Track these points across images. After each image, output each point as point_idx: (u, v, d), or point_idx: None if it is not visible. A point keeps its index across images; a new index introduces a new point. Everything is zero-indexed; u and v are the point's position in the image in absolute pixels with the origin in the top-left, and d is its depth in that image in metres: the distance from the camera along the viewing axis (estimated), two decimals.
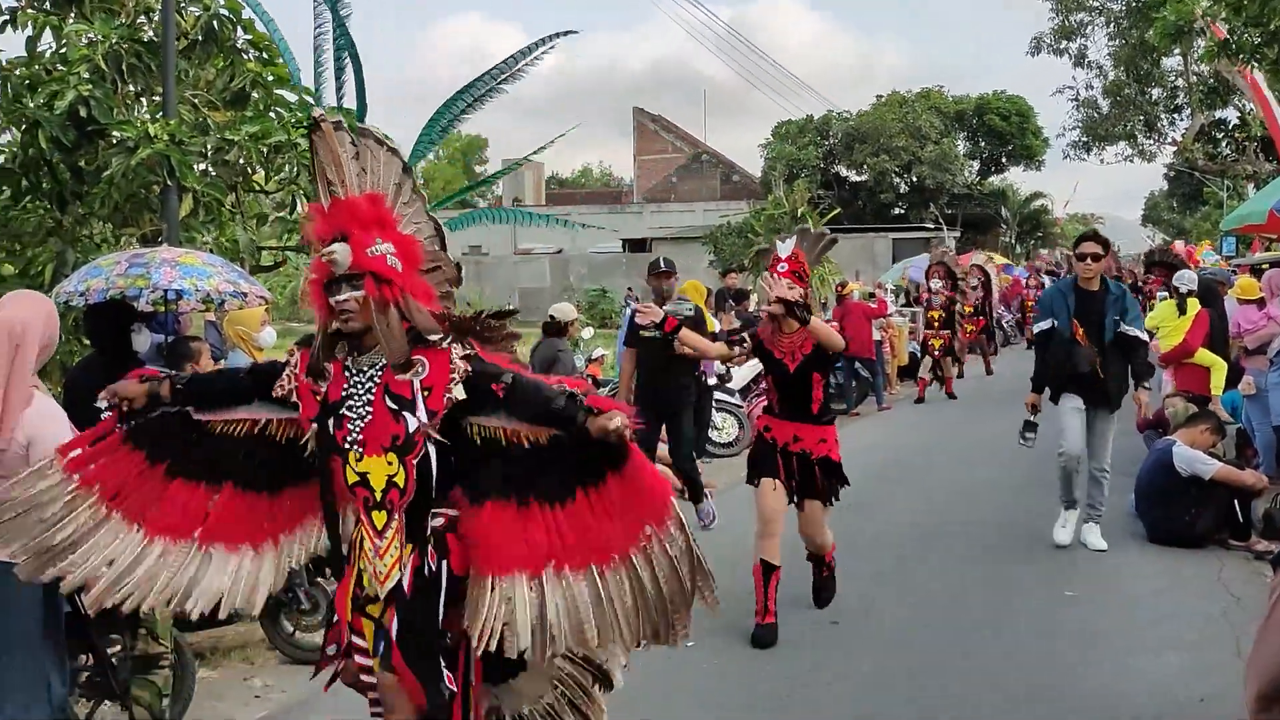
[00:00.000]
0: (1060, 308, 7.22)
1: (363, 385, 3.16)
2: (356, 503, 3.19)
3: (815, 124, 45.29)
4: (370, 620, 3.27)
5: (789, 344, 5.72)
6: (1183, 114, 36.94)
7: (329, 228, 3.07)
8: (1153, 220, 59.46)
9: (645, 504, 3.04)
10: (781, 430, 5.80)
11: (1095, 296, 7.13)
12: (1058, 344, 7.18)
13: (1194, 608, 6.24)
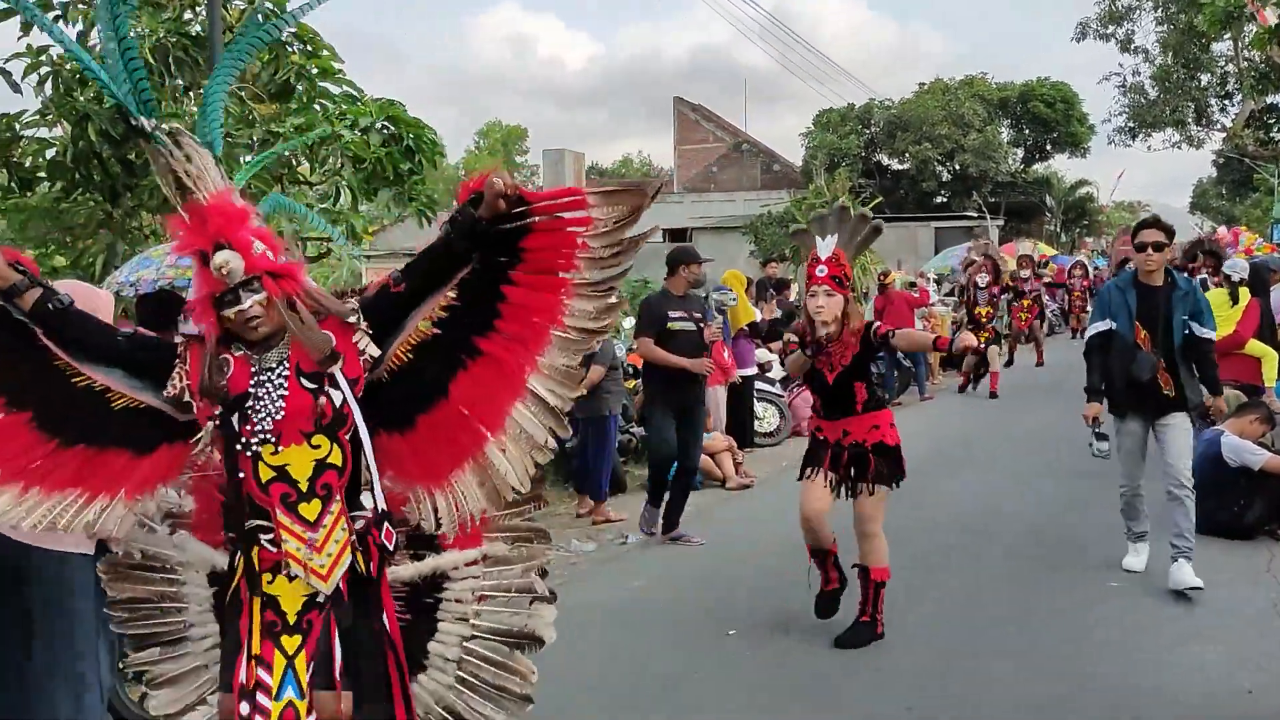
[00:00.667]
0: (1120, 307, 6.30)
1: (272, 374, 2.90)
2: (272, 502, 2.89)
3: (857, 112, 45.01)
4: (282, 653, 2.90)
5: (833, 353, 5.44)
6: (1233, 100, 36.34)
7: (205, 238, 2.80)
8: (1201, 208, 58.50)
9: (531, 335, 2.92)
10: (832, 429, 5.57)
11: (1160, 293, 6.21)
12: (1118, 350, 6.32)
13: (1243, 599, 6.18)
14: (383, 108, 7.94)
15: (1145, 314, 6.23)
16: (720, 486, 9.79)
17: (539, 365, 2.94)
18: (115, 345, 3.02)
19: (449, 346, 2.96)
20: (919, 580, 6.56)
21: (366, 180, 7.94)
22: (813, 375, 5.57)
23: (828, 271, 5.33)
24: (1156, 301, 6.22)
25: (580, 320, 2.94)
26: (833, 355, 5.43)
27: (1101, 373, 6.49)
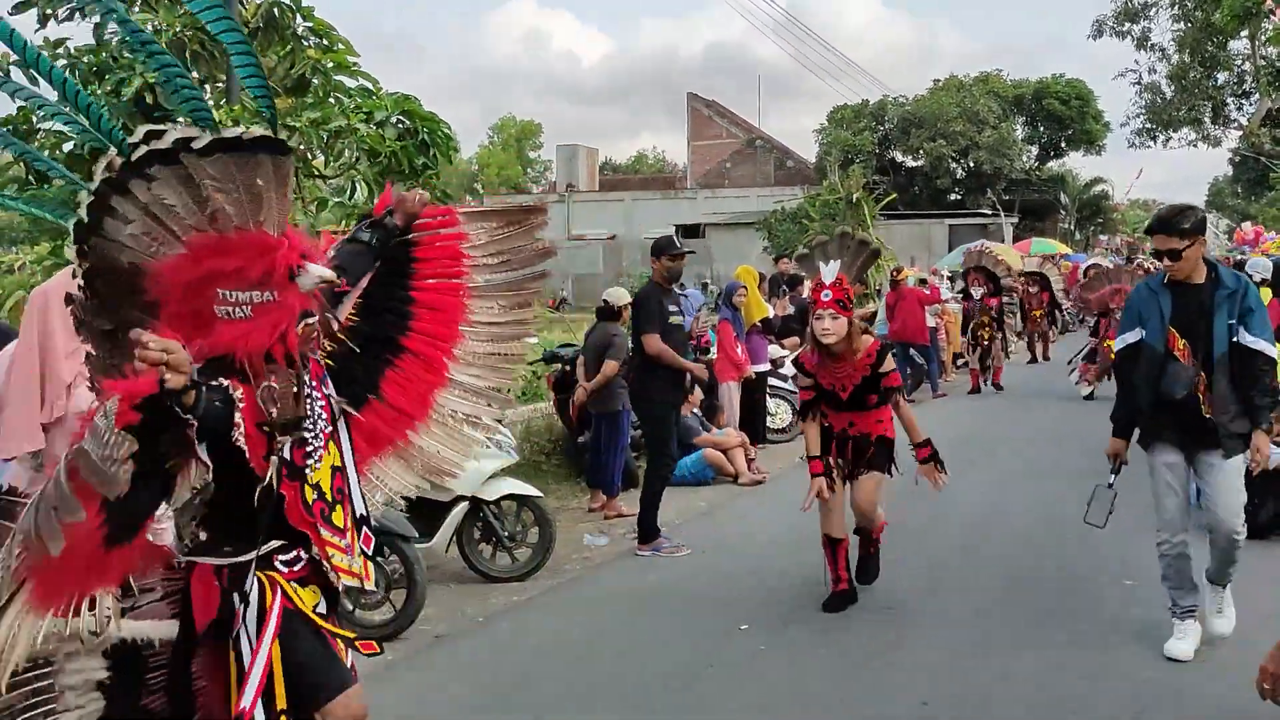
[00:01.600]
0: (1151, 312, 5.16)
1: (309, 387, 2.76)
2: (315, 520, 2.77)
3: (871, 109, 44.94)
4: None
5: (841, 375, 5.78)
6: (1250, 98, 36.15)
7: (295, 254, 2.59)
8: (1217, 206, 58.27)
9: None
10: (838, 419, 5.95)
11: (1199, 293, 5.06)
12: (1146, 363, 5.15)
13: (1257, 598, 6.14)
14: (398, 102, 7.96)
15: (1182, 318, 5.07)
16: (733, 482, 9.79)
17: (457, 356, 3.34)
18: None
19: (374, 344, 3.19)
20: (932, 577, 6.55)
21: (381, 174, 7.95)
22: (824, 393, 5.88)
23: (832, 296, 5.65)
24: (1196, 304, 5.05)
25: (488, 316, 3.41)
26: (843, 376, 5.76)
27: (1130, 397, 5.33)
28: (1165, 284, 5.15)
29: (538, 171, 76.31)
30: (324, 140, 7.66)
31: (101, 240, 2.47)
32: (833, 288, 5.64)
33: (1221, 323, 5.01)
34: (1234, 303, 5.01)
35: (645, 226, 47.06)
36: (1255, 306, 5.06)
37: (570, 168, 54.06)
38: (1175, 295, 5.11)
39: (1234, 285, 5.05)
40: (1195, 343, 5.05)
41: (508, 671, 5.26)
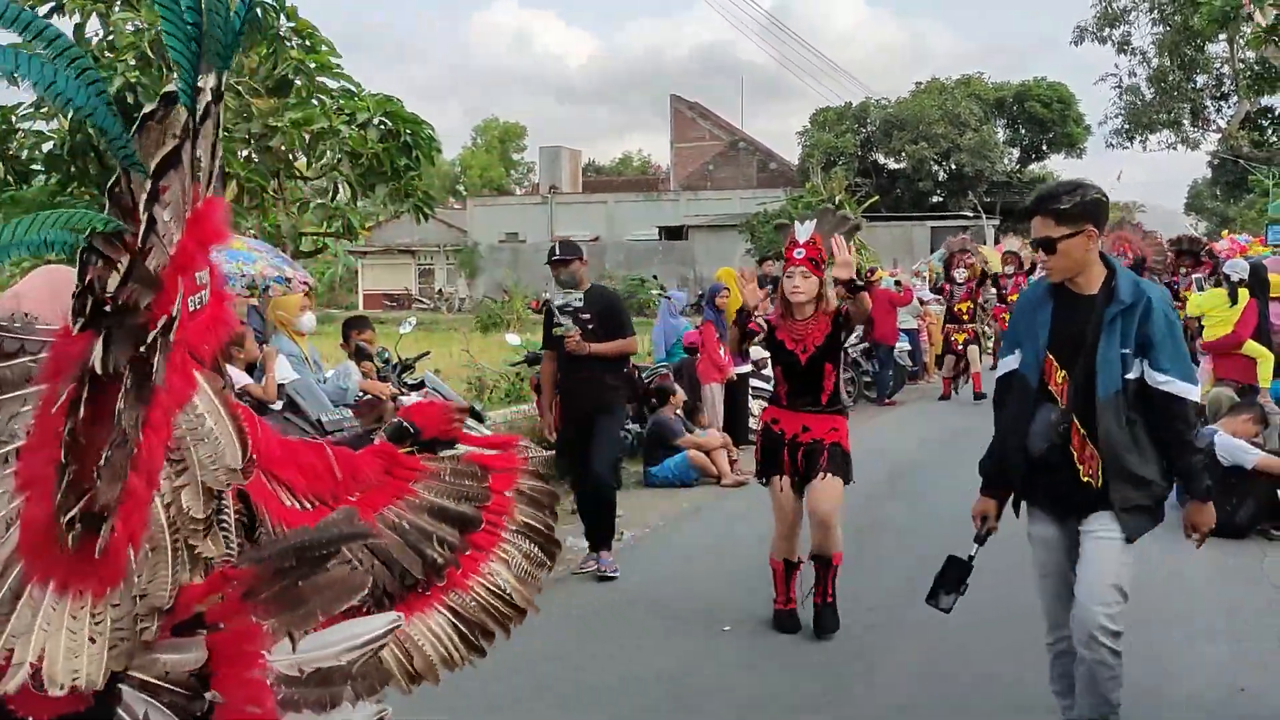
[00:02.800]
0: (1027, 330, 3.95)
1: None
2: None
3: (853, 111, 45.09)
4: None
5: (802, 331, 5.52)
6: (1228, 101, 36.45)
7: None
8: (1196, 209, 58.61)
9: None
10: (790, 421, 5.58)
11: (1089, 307, 3.79)
12: (1016, 400, 3.97)
13: (1235, 598, 6.20)
14: (380, 103, 7.95)
15: (1063, 341, 3.82)
16: (715, 483, 9.80)
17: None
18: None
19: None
20: (914, 580, 6.56)
21: (363, 176, 7.94)
22: (784, 356, 5.61)
23: (805, 254, 5.51)
24: (1083, 320, 3.78)
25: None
26: (806, 336, 5.52)
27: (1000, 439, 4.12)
28: (1050, 293, 3.89)
29: (521, 173, 76.26)
30: (306, 141, 7.64)
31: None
32: (806, 246, 5.48)
33: (1109, 351, 3.69)
34: (1128, 324, 3.68)
35: (628, 228, 47.13)
36: (1163, 331, 3.68)
37: (553, 169, 54.03)
38: (1059, 308, 3.84)
39: (1130, 298, 3.68)
40: (1076, 375, 3.77)
41: (490, 674, 5.24)
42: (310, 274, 6.91)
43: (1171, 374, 3.69)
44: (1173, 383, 3.69)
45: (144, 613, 1.59)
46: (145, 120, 1.53)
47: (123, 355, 1.48)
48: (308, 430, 5.76)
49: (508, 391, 12.01)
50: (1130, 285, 3.73)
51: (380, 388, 7.07)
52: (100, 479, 1.48)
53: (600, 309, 6.81)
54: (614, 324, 6.86)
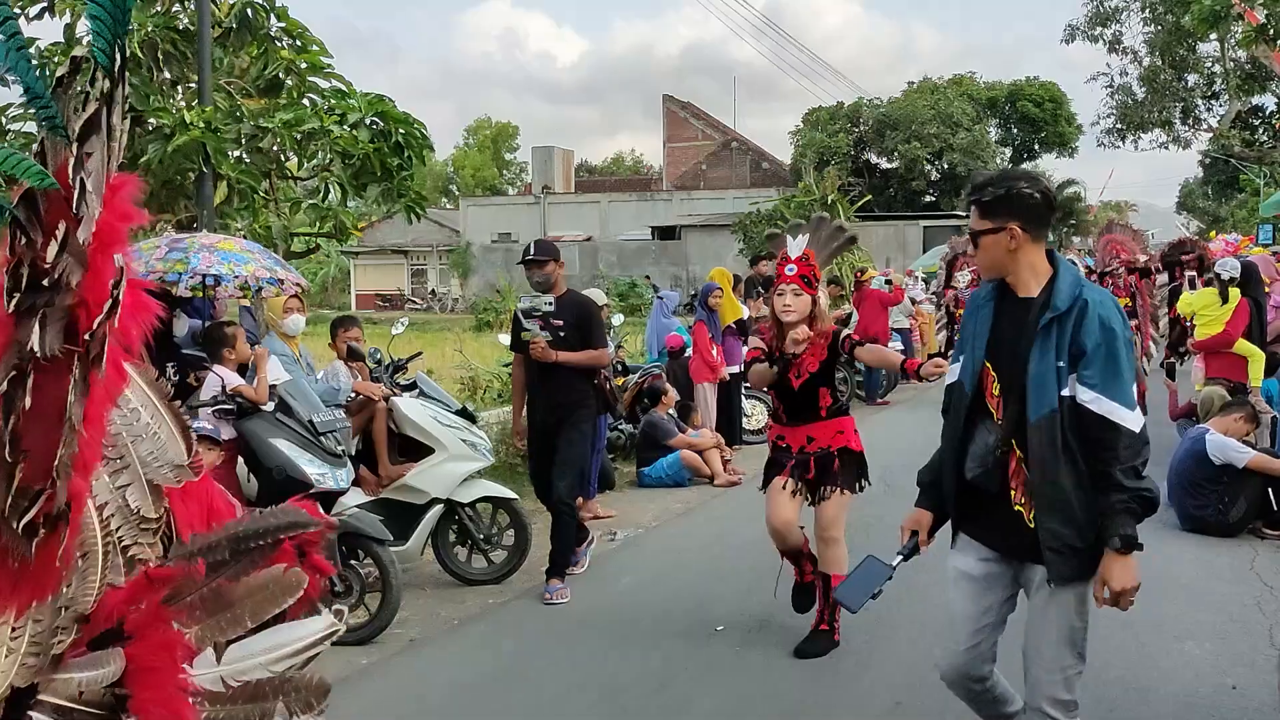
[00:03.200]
0: (970, 334, 3.46)
1: None
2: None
3: (846, 111, 45.16)
4: None
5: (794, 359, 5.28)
6: (1219, 100, 36.54)
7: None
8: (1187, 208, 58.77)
9: None
10: (794, 436, 5.39)
11: (1026, 311, 3.26)
12: (953, 414, 3.49)
13: (1227, 597, 6.21)
14: (371, 103, 7.94)
15: (1000, 349, 3.33)
16: (709, 484, 9.80)
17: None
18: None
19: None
20: (909, 576, 6.57)
21: (355, 176, 7.93)
22: (780, 389, 5.39)
23: (796, 270, 5.24)
24: (1020, 327, 3.25)
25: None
26: (800, 361, 5.26)
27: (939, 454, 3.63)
28: (994, 294, 3.39)
29: (513, 173, 76.26)
30: (297, 142, 7.63)
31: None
32: (797, 262, 5.22)
33: (1042, 364, 3.15)
34: (1063, 333, 3.13)
35: (621, 228, 47.14)
36: (1095, 340, 3.09)
37: (546, 169, 54.03)
38: (1000, 311, 3.35)
39: (1066, 303, 3.14)
40: (1010, 391, 3.26)
41: (483, 675, 5.25)
42: (303, 275, 6.89)
43: (1100, 392, 3.06)
44: (1099, 401, 3.06)
45: (65, 624, 1.44)
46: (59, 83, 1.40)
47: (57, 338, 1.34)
48: (300, 431, 5.75)
49: (500, 392, 12.00)
50: (1068, 288, 3.16)
51: (373, 389, 7.05)
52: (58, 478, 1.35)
53: (573, 316, 6.41)
54: (586, 333, 6.47)
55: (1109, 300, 3.20)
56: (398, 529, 6.29)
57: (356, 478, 6.41)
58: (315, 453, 5.68)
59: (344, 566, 5.59)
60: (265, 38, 8.12)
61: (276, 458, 5.58)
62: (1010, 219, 3.20)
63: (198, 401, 5.67)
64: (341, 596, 5.62)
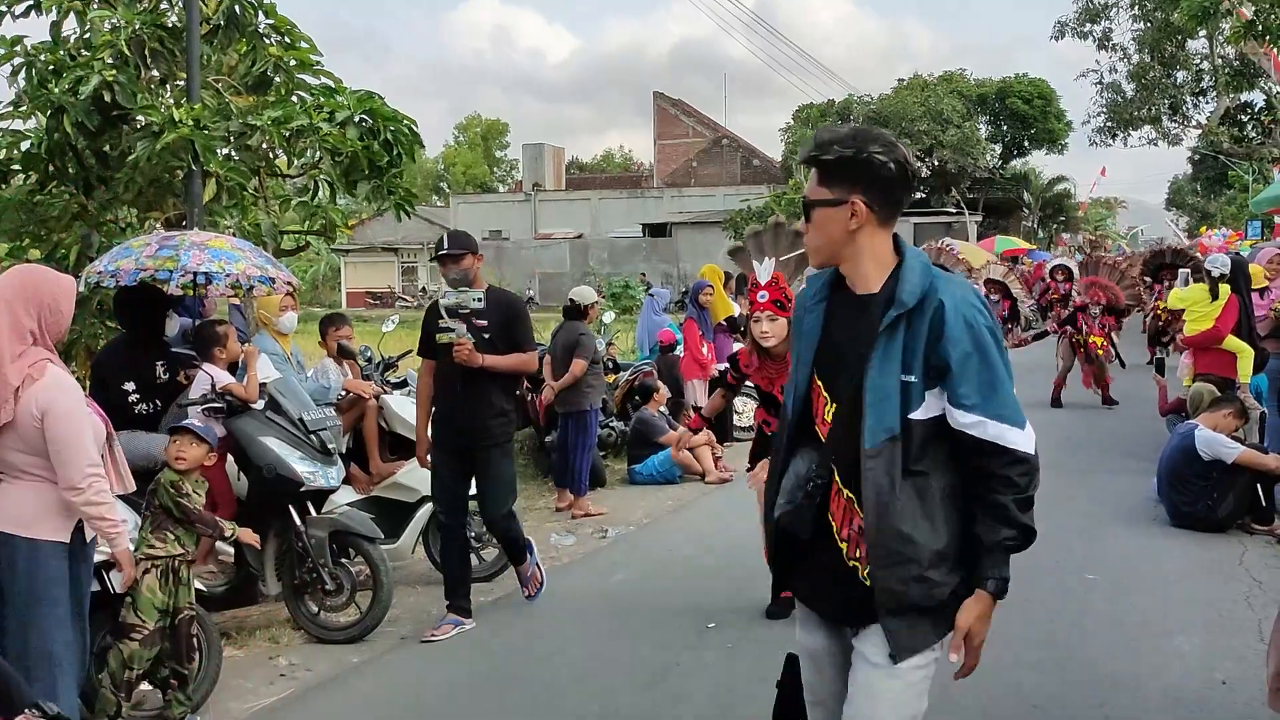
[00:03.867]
0: (799, 339, 2.80)
1: None
2: None
3: (836, 108, 45.23)
4: None
5: (776, 372, 5.47)
6: (1208, 97, 36.65)
7: None
8: (1177, 204, 58.98)
9: None
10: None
11: (866, 310, 2.64)
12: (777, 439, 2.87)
13: (1216, 592, 6.23)
14: (361, 100, 7.90)
15: (831, 357, 2.69)
16: (700, 481, 9.80)
17: None
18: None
19: None
20: None
21: (345, 173, 7.89)
22: (761, 395, 5.65)
23: (769, 297, 5.42)
24: (857, 330, 2.63)
25: None
26: (779, 379, 5.39)
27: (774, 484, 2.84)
28: (829, 285, 2.73)
29: (504, 170, 76.17)
30: (286, 139, 7.59)
31: None
32: (768, 288, 5.41)
33: (883, 377, 2.53)
34: (913, 338, 2.52)
35: (612, 225, 47.11)
36: (965, 348, 2.50)
37: (536, 167, 53.98)
38: (834, 310, 2.70)
39: (914, 298, 2.53)
40: (842, 411, 2.62)
41: (475, 672, 5.24)
42: (293, 273, 6.87)
43: (983, 413, 2.49)
44: (984, 425, 2.49)
45: None
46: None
47: None
48: (290, 429, 5.74)
49: None
50: (917, 281, 2.54)
51: (364, 386, 7.04)
52: None
53: (498, 316, 5.67)
54: (513, 335, 5.75)
55: (969, 293, 2.58)
56: (388, 527, 6.28)
57: (347, 476, 6.41)
58: (305, 451, 5.67)
59: (335, 565, 5.58)
60: (254, 35, 8.06)
61: (267, 456, 5.57)
62: (854, 190, 2.56)
63: (187, 400, 5.66)
64: (332, 595, 5.61)
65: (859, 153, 2.55)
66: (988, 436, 2.51)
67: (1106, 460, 10.08)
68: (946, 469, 2.58)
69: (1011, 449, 2.52)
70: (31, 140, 7.67)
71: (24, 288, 3.80)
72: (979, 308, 2.57)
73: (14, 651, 3.68)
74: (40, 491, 3.73)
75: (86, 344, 7.69)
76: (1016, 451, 2.53)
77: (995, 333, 2.57)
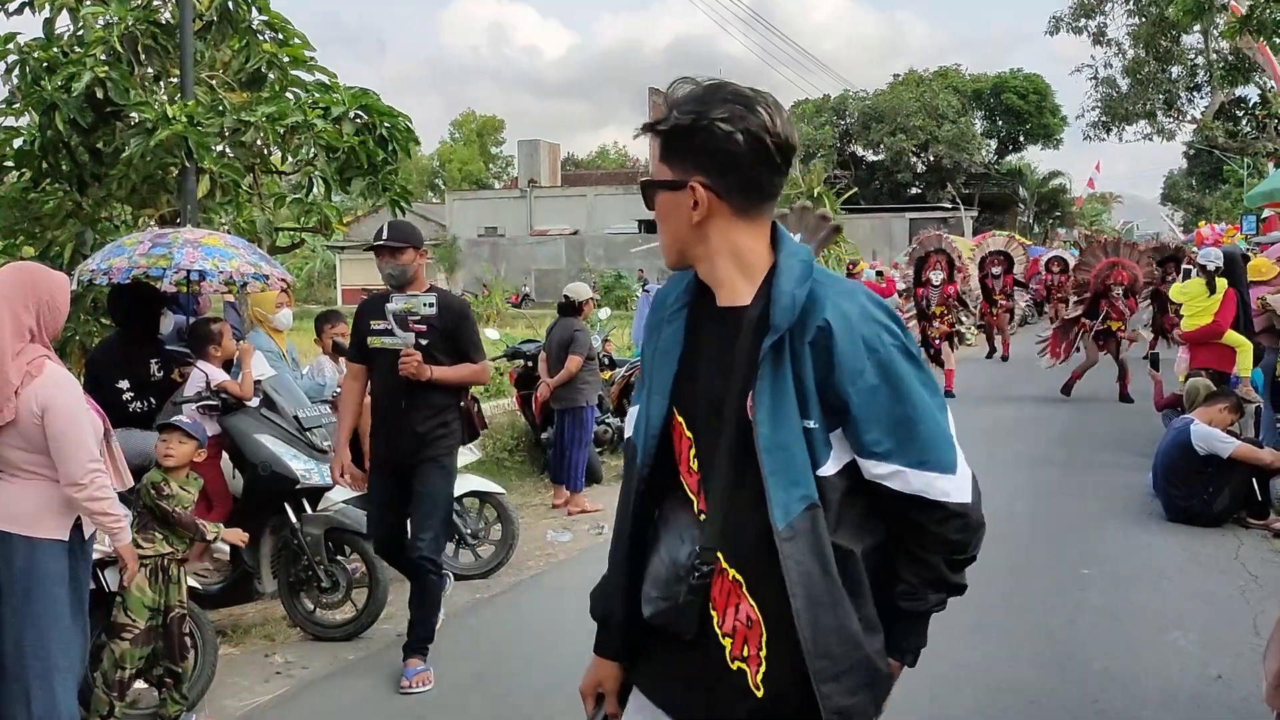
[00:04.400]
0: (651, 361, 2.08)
1: None
2: None
3: (832, 104, 45.21)
4: None
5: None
6: (1202, 91, 36.68)
7: None
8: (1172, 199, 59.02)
9: None
10: None
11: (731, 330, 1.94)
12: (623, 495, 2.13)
13: (1211, 586, 6.24)
14: (356, 96, 7.89)
15: (697, 390, 2.01)
16: None
17: None
18: None
19: None
20: None
21: (340, 170, 7.88)
22: None
23: None
24: (723, 359, 1.96)
25: None
26: None
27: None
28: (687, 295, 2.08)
29: (500, 167, 76.11)
30: (280, 136, 7.58)
31: None
32: None
33: (779, 429, 1.88)
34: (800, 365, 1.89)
35: (607, 221, 47.10)
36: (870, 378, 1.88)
37: (532, 163, 53.91)
38: (695, 325, 2.05)
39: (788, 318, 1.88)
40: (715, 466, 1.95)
41: (471, 669, 5.24)
42: (288, 270, 6.86)
43: (901, 460, 1.89)
44: (903, 475, 1.89)
45: None
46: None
47: None
48: (286, 426, 5.73)
49: (486, 387, 11.97)
50: (791, 291, 1.87)
51: None
52: None
53: (442, 322, 4.98)
54: (460, 343, 5.07)
55: (865, 301, 1.92)
56: None
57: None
58: (300, 448, 5.66)
59: (330, 562, 5.58)
60: (247, 31, 8.05)
61: (262, 453, 5.56)
62: (694, 169, 1.91)
63: (182, 397, 5.65)
64: (328, 592, 5.61)
65: (698, 119, 1.89)
66: (911, 489, 1.90)
67: (1102, 455, 10.08)
68: (866, 529, 1.95)
69: (942, 501, 1.92)
70: (25, 137, 7.65)
71: (22, 285, 3.79)
72: (882, 321, 1.91)
73: (12, 650, 3.67)
74: (40, 489, 3.72)
75: (81, 341, 7.68)
76: (949, 505, 1.93)
77: (909, 350, 1.93)
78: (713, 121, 1.89)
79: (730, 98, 1.93)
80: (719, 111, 1.89)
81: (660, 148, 1.96)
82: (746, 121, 1.90)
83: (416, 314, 4.82)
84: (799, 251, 1.98)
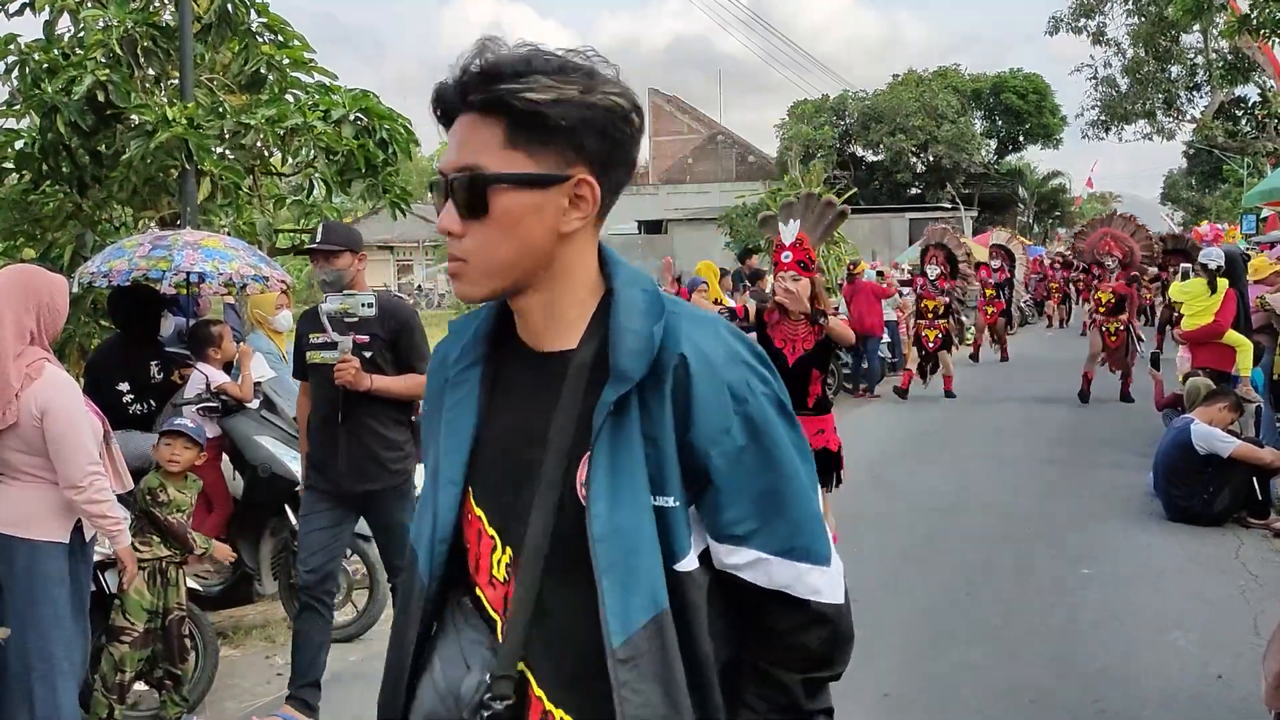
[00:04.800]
0: (431, 434, 1.58)
1: None
2: None
3: (831, 104, 45.20)
4: None
5: (793, 332, 5.68)
6: (1202, 91, 36.68)
7: None
8: (1172, 199, 59.00)
9: None
10: None
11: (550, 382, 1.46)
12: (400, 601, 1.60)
13: (1212, 586, 6.24)
14: (355, 99, 7.90)
15: (499, 467, 1.49)
16: None
17: None
18: None
19: None
20: (892, 569, 6.59)
21: (340, 172, 7.89)
22: (772, 354, 5.65)
23: (793, 257, 5.57)
24: (538, 421, 1.45)
25: None
26: (797, 338, 5.64)
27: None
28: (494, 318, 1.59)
29: None
30: (280, 138, 7.58)
31: None
32: (793, 248, 5.54)
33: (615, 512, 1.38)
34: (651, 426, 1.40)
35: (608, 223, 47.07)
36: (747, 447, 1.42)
37: None
38: (497, 384, 1.55)
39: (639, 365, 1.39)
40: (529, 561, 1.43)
41: None
42: (288, 271, 6.86)
43: (761, 543, 1.46)
44: (764, 565, 1.46)
45: None
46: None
47: None
48: (285, 428, 5.73)
49: None
50: (641, 328, 1.43)
51: None
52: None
53: (384, 330, 4.44)
54: (404, 352, 4.50)
55: (729, 337, 1.49)
56: None
57: None
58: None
59: None
60: (246, 33, 8.06)
61: (262, 455, 5.57)
62: (575, 159, 1.44)
63: (182, 399, 5.65)
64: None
65: (587, 92, 1.40)
66: (774, 584, 1.47)
67: (1102, 455, 10.08)
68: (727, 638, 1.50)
69: (810, 601, 1.49)
70: (25, 139, 7.66)
71: (23, 287, 3.80)
72: (749, 363, 1.48)
73: (14, 652, 3.67)
74: (40, 492, 3.73)
75: (80, 343, 7.68)
76: (815, 604, 1.50)
77: (781, 401, 1.50)
78: (607, 95, 1.42)
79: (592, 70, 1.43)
80: (606, 86, 1.42)
81: (508, 127, 1.40)
82: (629, 96, 1.45)
83: (354, 315, 4.23)
84: (639, 278, 1.52)
